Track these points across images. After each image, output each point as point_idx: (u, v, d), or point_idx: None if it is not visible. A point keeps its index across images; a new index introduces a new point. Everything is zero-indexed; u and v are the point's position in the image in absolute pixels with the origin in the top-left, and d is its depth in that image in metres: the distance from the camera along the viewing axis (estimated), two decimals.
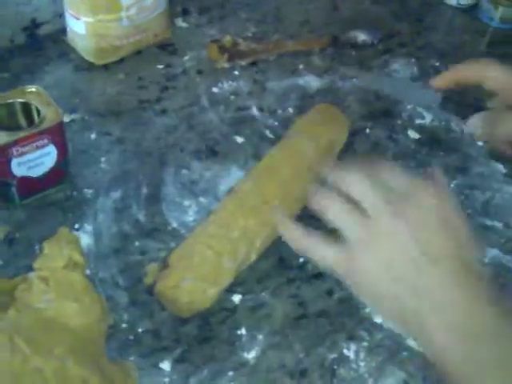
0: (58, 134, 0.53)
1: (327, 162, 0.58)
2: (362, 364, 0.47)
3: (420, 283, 0.38)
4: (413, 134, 0.66)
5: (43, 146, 0.52)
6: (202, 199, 0.58)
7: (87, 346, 0.39)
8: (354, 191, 0.40)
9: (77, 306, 0.39)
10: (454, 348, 0.36)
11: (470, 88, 0.51)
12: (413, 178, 0.40)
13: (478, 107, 0.50)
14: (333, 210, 0.41)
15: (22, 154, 0.51)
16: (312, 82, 0.72)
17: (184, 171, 0.60)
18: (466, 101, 0.51)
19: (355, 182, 0.41)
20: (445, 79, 0.52)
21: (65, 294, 0.39)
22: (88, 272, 0.49)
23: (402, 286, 0.38)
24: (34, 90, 0.54)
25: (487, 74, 0.49)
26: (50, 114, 0.53)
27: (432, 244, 0.38)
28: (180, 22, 0.78)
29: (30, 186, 0.54)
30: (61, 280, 0.40)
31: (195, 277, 0.47)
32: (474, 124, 0.49)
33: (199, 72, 0.71)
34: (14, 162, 0.51)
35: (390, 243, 0.39)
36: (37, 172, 0.53)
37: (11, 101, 0.54)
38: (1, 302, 0.40)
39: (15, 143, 0.50)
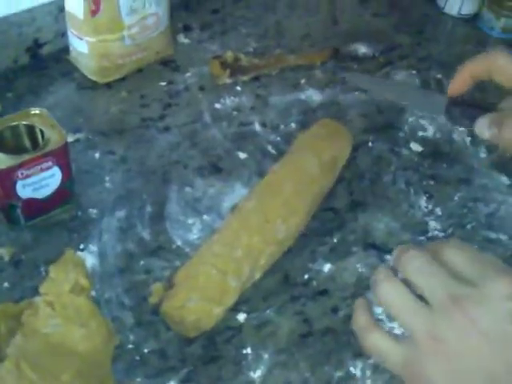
0: (62, 156, 0.53)
1: (330, 178, 0.59)
2: (368, 382, 0.47)
3: None
4: (415, 147, 0.67)
5: (48, 168, 0.52)
6: (205, 217, 0.58)
7: (94, 370, 0.39)
8: (416, 281, 0.36)
9: (83, 331, 0.39)
10: None
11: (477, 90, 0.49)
12: (482, 260, 0.35)
13: (487, 109, 0.48)
14: (394, 305, 0.36)
15: (26, 177, 0.52)
16: (314, 96, 0.72)
17: (187, 189, 0.60)
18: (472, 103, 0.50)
19: (416, 269, 0.36)
20: (458, 83, 0.49)
21: (71, 318, 0.39)
22: (93, 292, 0.49)
23: None
24: (38, 112, 0.55)
25: (497, 67, 0.45)
26: (54, 136, 0.53)
27: None
28: (182, 39, 0.78)
29: (35, 207, 0.54)
30: (67, 304, 0.40)
31: (201, 297, 0.47)
32: (482, 125, 0.47)
33: (201, 88, 0.72)
34: (19, 185, 0.52)
35: (459, 351, 0.33)
36: (42, 194, 0.54)
37: (16, 123, 0.54)
38: (8, 326, 0.40)
39: (20, 166, 0.51)
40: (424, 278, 0.35)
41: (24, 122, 0.54)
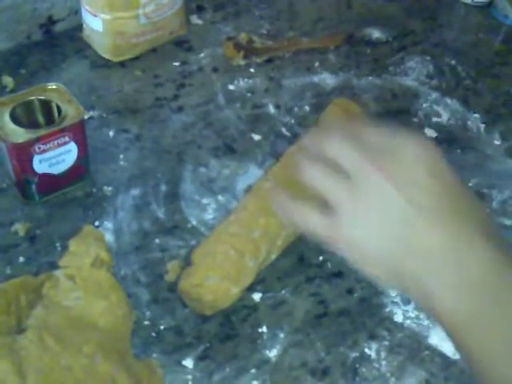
0: (79, 132, 0.53)
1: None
2: (383, 363, 0.47)
3: (418, 244, 0.36)
4: (430, 133, 0.66)
5: (64, 144, 0.52)
6: (220, 197, 0.58)
7: (114, 344, 0.39)
8: (332, 153, 0.39)
9: (105, 304, 0.39)
10: (461, 307, 0.35)
11: None
12: (393, 132, 0.39)
13: None
14: (312, 175, 0.39)
15: (43, 152, 0.51)
16: (328, 79, 0.72)
17: (202, 169, 0.60)
18: None
19: (333, 143, 0.39)
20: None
21: (93, 291, 0.39)
22: None
23: (397, 247, 0.36)
24: (54, 87, 0.54)
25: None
26: (71, 111, 0.53)
27: (425, 202, 0.36)
28: (195, 19, 0.77)
29: (50, 183, 0.54)
30: (87, 278, 0.40)
31: (219, 276, 0.47)
32: None
33: (215, 69, 0.71)
34: (36, 159, 0.51)
35: (376, 204, 0.37)
36: (58, 169, 0.53)
37: (30, 99, 0.54)
38: (28, 299, 0.40)
39: (37, 140, 0.50)
40: (345, 154, 0.38)
41: (40, 97, 0.54)
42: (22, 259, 0.51)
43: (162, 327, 0.48)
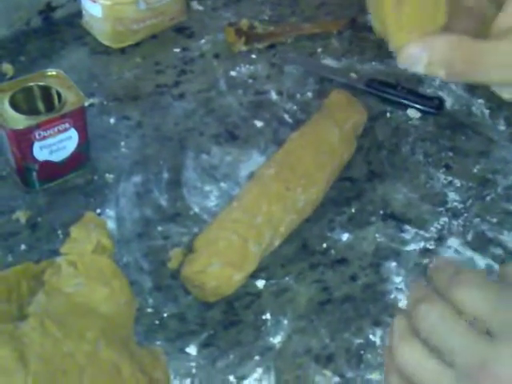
0: (79, 118, 0.52)
1: (350, 149, 0.58)
2: None
3: None
4: (434, 118, 0.66)
5: (65, 130, 0.51)
6: (222, 184, 0.57)
7: (117, 331, 0.38)
8: (435, 343, 0.32)
9: (107, 291, 0.38)
10: None
11: None
12: (501, 300, 0.32)
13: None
14: (416, 373, 0.32)
15: (43, 138, 0.51)
16: (330, 65, 0.71)
17: (204, 156, 0.60)
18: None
19: (432, 328, 0.32)
20: None
21: (94, 278, 0.39)
22: None
23: None
24: (54, 73, 0.53)
25: None
26: (71, 97, 0.52)
27: None
28: (196, 5, 0.76)
29: (51, 170, 0.53)
30: (89, 264, 0.39)
31: (222, 262, 0.46)
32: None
33: (216, 56, 0.70)
34: (36, 146, 0.51)
35: None
36: (58, 156, 0.53)
37: (30, 85, 0.53)
38: (29, 286, 0.40)
39: (37, 127, 0.50)
40: (442, 340, 0.32)
41: (40, 84, 0.53)
42: (23, 247, 0.50)
43: (165, 314, 0.47)
